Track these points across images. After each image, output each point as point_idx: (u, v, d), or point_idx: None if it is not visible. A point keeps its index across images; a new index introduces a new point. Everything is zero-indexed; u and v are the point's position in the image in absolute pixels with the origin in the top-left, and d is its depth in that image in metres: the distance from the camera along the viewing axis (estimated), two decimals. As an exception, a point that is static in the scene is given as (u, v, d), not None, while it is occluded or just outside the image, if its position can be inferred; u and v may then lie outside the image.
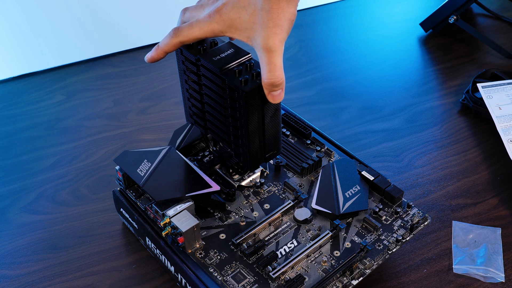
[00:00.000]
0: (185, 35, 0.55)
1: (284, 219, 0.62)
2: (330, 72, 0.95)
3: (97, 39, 0.96)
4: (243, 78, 0.54)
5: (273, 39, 0.50)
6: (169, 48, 0.56)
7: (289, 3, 0.50)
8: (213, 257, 0.58)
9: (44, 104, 0.88)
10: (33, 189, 0.74)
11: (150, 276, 0.64)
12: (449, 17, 0.99)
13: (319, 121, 0.84)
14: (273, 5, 0.50)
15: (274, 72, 0.51)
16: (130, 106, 0.87)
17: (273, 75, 0.51)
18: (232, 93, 0.56)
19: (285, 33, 0.51)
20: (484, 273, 0.63)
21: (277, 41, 0.50)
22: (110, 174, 0.75)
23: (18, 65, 0.92)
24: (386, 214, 0.62)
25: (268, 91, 0.52)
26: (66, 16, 0.92)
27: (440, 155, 0.79)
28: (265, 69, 0.51)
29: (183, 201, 0.59)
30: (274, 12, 0.50)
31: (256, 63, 0.57)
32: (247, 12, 0.51)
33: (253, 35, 0.52)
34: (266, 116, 0.57)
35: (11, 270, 0.64)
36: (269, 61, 0.51)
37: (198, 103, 0.62)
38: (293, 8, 0.51)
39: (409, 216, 0.62)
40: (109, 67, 0.95)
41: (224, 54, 0.58)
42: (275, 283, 0.56)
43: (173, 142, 0.68)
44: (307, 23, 1.07)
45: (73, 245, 0.67)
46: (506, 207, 0.71)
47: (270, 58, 0.51)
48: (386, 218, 0.62)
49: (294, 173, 0.67)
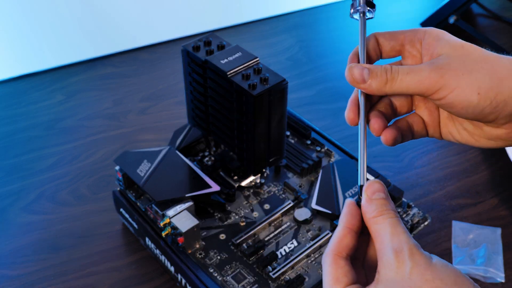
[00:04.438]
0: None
1: (284, 220, 0.62)
2: (330, 72, 0.95)
3: (97, 39, 0.96)
4: (251, 82, 0.54)
5: None
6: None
7: None
8: (213, 257, 0.58)
9: (44, 104, 0.87)
10: (33, 189, 0.74)
11: (150, 276, 0.64)
12: (449, 17, 0.99)
13: (319, 121, 0.84)
14: None
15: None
16: (130, 106, 0.87)
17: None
18: (239, 96, 0.56)
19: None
20: (484, 273, 0.63)
21: None
22: (110, 174, 0.75)
23: (18, 65, 0.92)
24: (386, 214, 0.62)
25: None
26: (66, 16, 0.92)
27: (440, 155, 0.79)
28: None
29: (183, 201, 0.59)
30: None
31: (264, 67, 0.57)
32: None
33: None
34: (273, 120, 0.57)
35: (11, 270, 0.64)
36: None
37: (202, 106, 0.62)
38: None
39: (409, 216, 0.62)
40: (109, 67, 0.95)
41: (232, 57, 0.58)
42: (275, 283, 0.56)
43: (173, 142, 0.68)
44: (307, 23, 1.07)
45: (73, 245, 0.67)
46: (506, 207, 0.71)
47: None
48: (386, 218, 0.62)
49: (294, 174, 0.67)
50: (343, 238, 0.38)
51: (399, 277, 0.35)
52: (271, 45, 1.00)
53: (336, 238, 0.38)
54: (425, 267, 0.35)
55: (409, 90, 0.39)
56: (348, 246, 0.38)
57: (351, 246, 0.38)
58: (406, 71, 0.39)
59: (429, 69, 0.39)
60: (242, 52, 0.59)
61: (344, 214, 0.39)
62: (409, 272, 0.35)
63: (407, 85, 0.39)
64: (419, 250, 0.35)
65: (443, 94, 0.39)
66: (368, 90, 0.40)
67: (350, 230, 0.38)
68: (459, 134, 0.43)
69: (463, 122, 0.42)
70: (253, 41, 1.01)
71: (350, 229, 0.38)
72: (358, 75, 0.40)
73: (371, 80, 0.40)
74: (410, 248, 0.35)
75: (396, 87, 0.39)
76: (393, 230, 0.36)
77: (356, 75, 0.40)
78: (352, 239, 0.38)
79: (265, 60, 0.86)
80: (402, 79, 0.39)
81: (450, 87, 0.38)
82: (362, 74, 0.40)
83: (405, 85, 0.39)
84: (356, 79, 0.40)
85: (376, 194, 0.39)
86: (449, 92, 0.38)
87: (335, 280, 0.37)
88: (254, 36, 1.02)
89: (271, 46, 1.00)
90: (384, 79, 0.40)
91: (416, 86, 0.39)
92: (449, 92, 0.38)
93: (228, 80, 0.56)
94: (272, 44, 1.00)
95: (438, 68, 0.39)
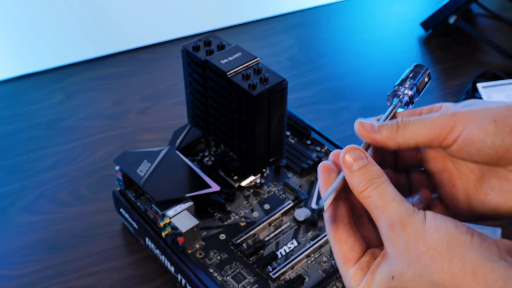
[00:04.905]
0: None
1: (284, 220, 0.62)
2: (330, 72, 0.95)
3: (97, 39, 0.96)
4: (251, 82, 0.54)
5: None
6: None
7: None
8: (213, 257, 0.58)
9: (44, 104, 0.87)
10: (33, 189, 0.74)
11: (150, 276, 0.64)
12: (449, 17, 0.99)
13: (319, 121, 0.84)
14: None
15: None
16: (130, 106, 0.87)
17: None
18: (239, 96, 0.56)
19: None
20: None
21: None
22: (110, 174, 0.75)
23: (18, 65, 0.92)
24: (386, 214, 0.62)
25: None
26: (66, 16, 0.92)
27: (440, 155, 0.78)
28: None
29: (183, 201, 0.59)
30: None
31: (264, 67, 0.57)
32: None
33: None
34: (273, 120, 0.57)
35: (11, 270, 0.64)
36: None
37: (202, 106, 0.62)
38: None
39: (409, 216, 0.62)
40: (109, 67, 0.95)
41: (232, 57, 0.58)
42: (275, 283, 0.56)
43: (173, 142, 0.68)
44: (307, 23, 1.07)
45: (73, 245, 0.67)
46: (506, 207, 0.71)
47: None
48: (386, 218, 0.62)
49: (294, 174, 0.67)
50: (334, 208, 0.38)
51: (398, 252, 0.35)
52: (271, 45, 1.00)
53: (328, 211, 0.38)
54: (417, 239, 0.34)
55: (423, 135, 0.38)
56: (342, 213, 0.38)
57: (344, 212, 0.38)
58: (418, 118, 0.39)
59: (440, 113, 0.38)
60: (242, 52, 0.59)
61: (322, 184, 0.38)
62: (405, 246, 0.34)
63: (420, 130, 0.38)
64: (409, 219, 0.35)
65: (458, 131, 0.37)
66: (378, 141, 0.39)
67: (336, 197, 0.38)
68: (487, 197, 0.39)
69: (489, 180, 0.39)
70: (253, 41, 1.01)
71: (336, 196, 0.38)
72: (368, 125, 0.40)
73: (382, 129, 0.39)
74: (400, 220, 0.35)
75: (407, 134, 0.38)
76: (382, 203, 0.36)
77: (366, 125, 0.40)
78: (343, 205, 0.38)
79: (265, 60, 0.86)
80: (414, 124, 0.38)
81: (463, 122, 0.37)
82: (372, 125, 0.40)
83: (418, 131, 0.38)
84: (367, 128, 0.40)
85: (356, 163, 0.37)
86: (463, 127, 0.37)
87: (345, 260, 0.37)
88: (254, 36, 1.02)
89: (271, 46, 1.00)
90: (396, 126, 0.39)
91: (429, 129, 0.38)
92: (463, 126, 0.37)
93: (228, 80, 0.56)
94: (272, 44, 1.00)
95: (450, 111, 0.38)
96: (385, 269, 0.35)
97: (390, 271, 0.35)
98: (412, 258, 0.34)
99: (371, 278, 0.36)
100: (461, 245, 0.33)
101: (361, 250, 0.37)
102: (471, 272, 0.32)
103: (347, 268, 0.37)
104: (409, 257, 0.34)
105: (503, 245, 0.34)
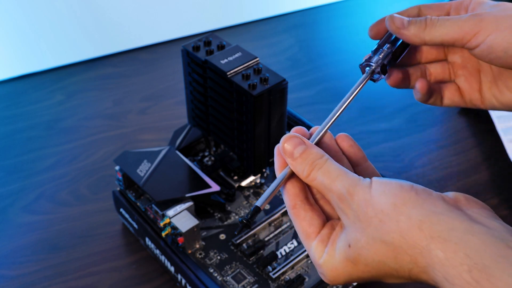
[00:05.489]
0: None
1: (284, 220, 0.62)
2: (330, 72, 0.95)
3: (97, 39, 0.96)
4: (251, 82, 0.54)
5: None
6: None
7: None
8: (213, 257, 0.58)
9: (44, 104, 0.87)
10: (33, 189, 0.74)
11: (150, 276, 0.63)
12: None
13: (319, 121, 0.83)
14: None
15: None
16: (130, 106, 0.87)
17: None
18: (239, 96, 0.56)
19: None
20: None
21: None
22: (110, 174, 0.75)
23: (18, 65, 0.92)
24: (386, 214, 0.62)
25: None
26: (66, 16, 0.92)
27: (440, 155, 0.79)
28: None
29: (183, 201, 0.59)
30: None
31: (264, 67, 0.57)
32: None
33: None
34: (273, 120, 0.57)
35: (11, 270, 0.64)
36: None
37: (202, 106, 0.62)
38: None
39: (409, 216, 0.62)
40: (109, 67, 0.95)
41: (232, 57, 0.58)
42: (275, 283, 0.56)
43: (173, 142, 0.68)
44: (307, 23, 1.07)
45: (73, 245, 0.67)
46: (506, 207, 0.71)
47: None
48: (386, 218, 0.62)
49: (294, 173, 0.67)
50: (289, 188, 0.39)
51: (351, 221, 0.36)
52: (271, 45, 1.00)
53: (284, 191, 0.39)
54: (365, 205, 0.35)
55: (448, 35, 0.40)
56: (297, 192, 0.39)
57: (299, 190, 0.39)
58: (445, 18, 0.41)
59: (468, 16, 0.40)
60: (242, 52, 0.59)
61: (277, 167, 0.40)
62: (355, 215, 0.36)
63: (446, 31, 0.40)
64: (356, 189, 0.36)
65: (482, 37, 0.39)
66: (406, 36, 0.42)
67: (289, 178, 0.39)
68: (502, 95, 0.43)
69: (506, 80, 0.42)
70: (253, 41, 1.01)
71: (289, 177, 0.39)
72: (399, 21, 0.42)
73: (411, 26, 0.41)
74: (348, 191, 0.36)
75: (434, 32, 0.40)
76: (328, 180, 0.37)
77: (396, 20, 0.42)
78: (297, 183, 0.39)
79: (265, 60, 0.86)
80: (441, 24, 0.40)
81: (488, 29, 0.39)
82: (402, 20, 0.42)
83: (445, 31, 0.40)
84: (397, 24, 0.42)
85: (295, 150, 0.38)
86: (487, 35, 0.39)
87: (306, 235, 0.38)
88: (254, 36, 1.02)
89: (271, 46, 1.00)
90: (424, 25, 0.41)
91: (455, 31, 0.40)
92: (488, 34, 0.39)
93: (228, 80, 0.56)
94: (272, 44, 1.00)
95: (477, 15, 0.40)
96: (342, 238, 0.37)
97: (347, 240, 0.36)
98: (363, 224, 0.35)
99: (331, 249, 0.37)
100: (406, 203, 0.34)
101: (321, 223, 0.38)
102: (417, 227, 0.33)
103: (309, 242, 0.38)
104: (360, 224, 0.35)
105: (450, 198, 0.35)
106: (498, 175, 0.75)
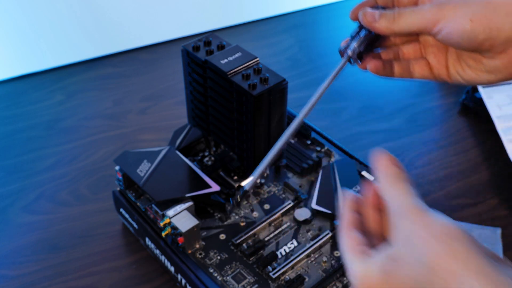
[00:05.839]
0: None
1: (284, 220, 0.62)
2: (330, 72, 0.95)
3: (97, 39, 0.96)
4: (251, 82, 0.54)
5: None
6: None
7: None
8: (213, 257, 0.58)
9: (44, 104, 0.87)
10: (33, 189, 0.74)
11: (150, 276, 0.63)
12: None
13: (319, 121, 0.84)
14: None
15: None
16: (130, 106, 0.87)
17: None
18: (239, 96, 0.56)
19: None
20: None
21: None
22: (110, 174, 0.75)
23: (18, 65, 0.92)
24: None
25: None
26: (66, 16, 0.92)
27: (440, 155, 0.79)
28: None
29: (183, 201, 0.59)
30: None
31: (264, 67, 0.57)
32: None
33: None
34: (273, 120, 0.57)
35: (11, 270, 0.64)
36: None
37: (202, 106, 0.62)
38: None
39: (409, 216, 0.62)
40: (109, 67, 0.95)
41: (232, 58, 0.58)
42: (275, 283, 0.56)
43: (173, 142, 0.68)
44: (307, 23, 1.07)
45: (73, 245, 0.67)
46: (506, 207, 0.71)
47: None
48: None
49: (294, 174, 0.67)
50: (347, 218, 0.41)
51: (400, 237, 0.37)
52: (271, 45, 1.00)
53: (346, 236, 0.40)
54: (420, 227, 0.36)
55: (414, 26, 0.45)
56: (353, 223, 0.41)
57: (360, 238, 0.40)
58: (411, 9, 0.45)
59: (431, 6, 0.44)
60: (242, 52, 0.59)
61: (346, 212, 0.41)
62: (407, 233, 0.36)
63: (412, 21, 0.45)
64: (416, 209, 0.37)
65: (442, 25, 0.44)
66: (378, 29, 0.47)
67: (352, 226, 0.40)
68: (464, 72, 0.47)
69: (466, 59, 0.46)
70: (253, 41, 1.01)
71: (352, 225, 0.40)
72: (370, 15, 0.47)
73: (381, 19, 0.46)
74: (408, 208, 0.37)
75: (402, 23, 0.45)
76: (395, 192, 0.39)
77: (368, 15, 0.47)
78: (357, 233, 0.40)
79: (265, 60, 0.86)
80: (408, 16, 0.45)
81: (448, 18, 0.43)
82: (374, 15, 0.47)
83: (410, 22, 0.45)
84: (368, 18, 0.47)
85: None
86: (446, 23, 0.43)
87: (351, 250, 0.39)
88: (254, 36, 1.02)
89: (271, 46, 1.00)
90: (392, 17, 0.46)
91: (420, 21, 0.45)
92: (447, 22, 0.43)
93: (228, 80, 0.56)
94: (272, 44, 1.00)
95: (438, 4, 0.44)
96: (384, 251, 0.37)
97: (389, 254, 0.37)
98: (410, 242, 0.36)
99: (368, 258, 0.38)
100: (455, 237, 0.35)
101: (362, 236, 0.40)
102: (452, 255, 0.34)
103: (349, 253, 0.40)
104: (407, 242, 0.36)
105: (489, 253, 0.36)
106: (498, 175, 0.75)
